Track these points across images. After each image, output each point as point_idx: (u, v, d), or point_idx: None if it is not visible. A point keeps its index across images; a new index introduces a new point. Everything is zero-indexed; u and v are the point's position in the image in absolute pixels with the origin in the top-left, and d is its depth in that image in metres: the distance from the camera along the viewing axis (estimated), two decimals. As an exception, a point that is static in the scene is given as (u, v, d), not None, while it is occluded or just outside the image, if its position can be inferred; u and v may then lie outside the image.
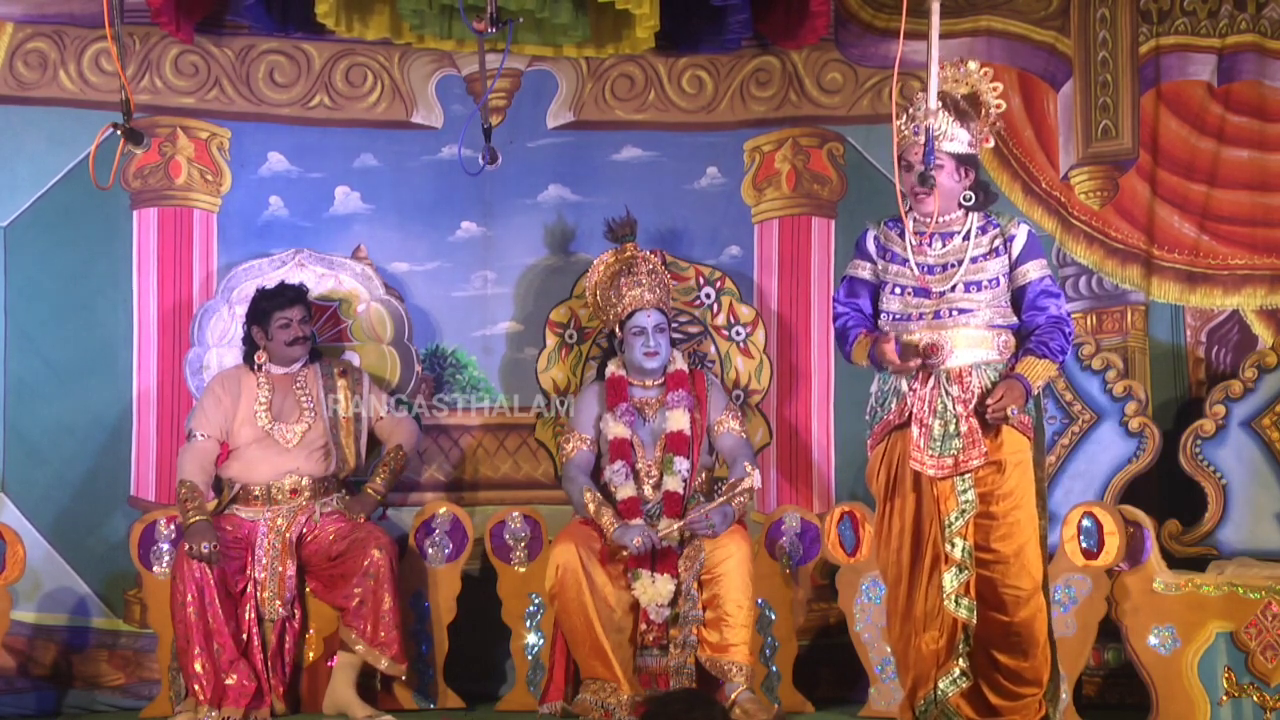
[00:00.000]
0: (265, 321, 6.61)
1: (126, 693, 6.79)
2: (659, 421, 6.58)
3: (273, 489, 6.52)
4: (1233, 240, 6.70)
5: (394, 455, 6.72)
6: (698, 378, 6.69)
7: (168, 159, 7.01)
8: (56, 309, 6.89)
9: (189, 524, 6.31)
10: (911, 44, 5.85)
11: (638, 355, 6.57)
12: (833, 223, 7.12)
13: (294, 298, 6.64)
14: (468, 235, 7.18)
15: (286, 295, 6.63)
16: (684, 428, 6.54)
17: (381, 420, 6.76)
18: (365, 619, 6.33)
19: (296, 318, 6.61)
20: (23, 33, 6.87)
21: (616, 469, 6.52)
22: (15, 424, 6.83)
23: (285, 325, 6.60)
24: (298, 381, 6.65)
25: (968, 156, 5.60)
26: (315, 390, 6.65)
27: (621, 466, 6.51)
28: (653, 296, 6.58)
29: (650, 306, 6.56)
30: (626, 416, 6.56)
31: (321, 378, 6.69)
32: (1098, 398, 6.53)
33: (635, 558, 6.32)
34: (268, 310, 6.61)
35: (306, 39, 7.04)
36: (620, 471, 6.50)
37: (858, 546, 6.39)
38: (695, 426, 6.57)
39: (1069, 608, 6.05)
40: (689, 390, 6.61)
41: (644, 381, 6.64)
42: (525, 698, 6.60)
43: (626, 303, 6.58)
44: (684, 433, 6.54)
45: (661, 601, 6.29)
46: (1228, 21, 6.64)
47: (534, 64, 7.14)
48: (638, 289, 6.57)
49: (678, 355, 6.70)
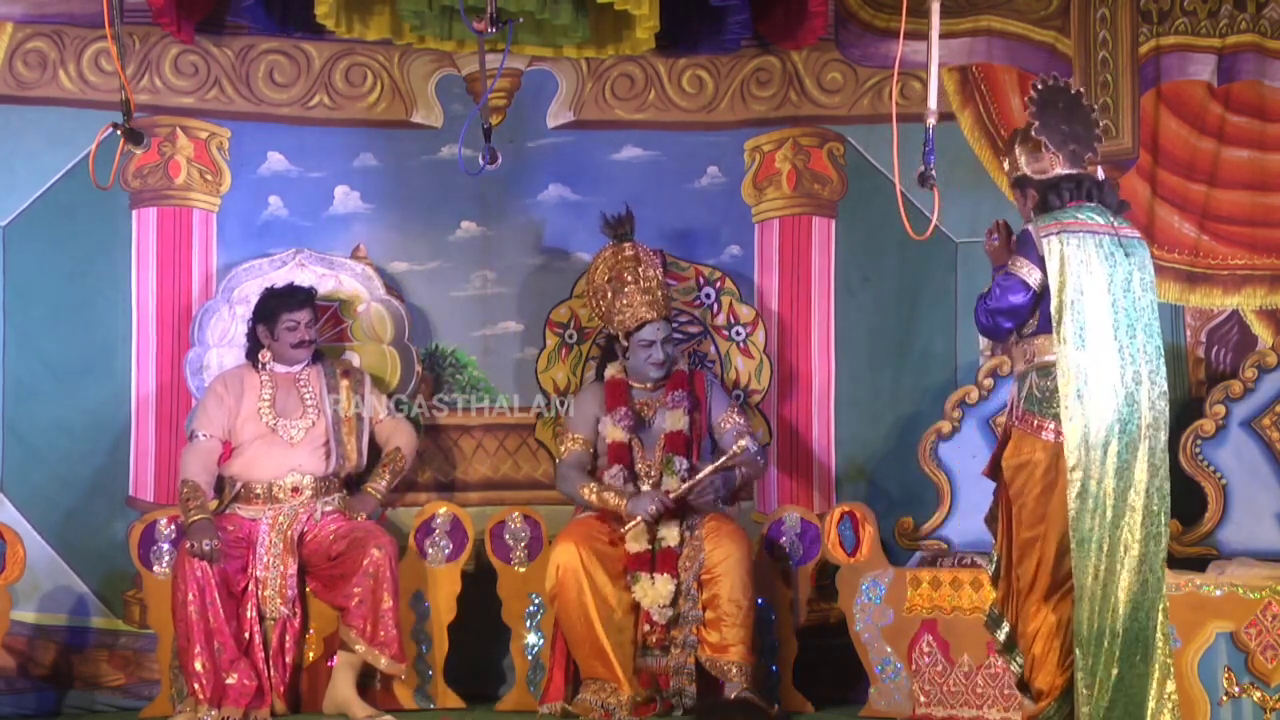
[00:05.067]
0: (272, 322, 6.59)
1: (126, 693, 6.78)
2: (659, 422, 6.58)
3: (274, 487, 6.51)
4: (1233, 240, 6.70)
5: (394, 457, 6.72)
6: (698, 378, 6.69)
7: (167, 159, 7.01)
8: (55, 309, 6.88)
9: (190, 522, 6.30)
10: (911, 44, 5.85)
11: (643, 365, 6.58)
12: (833, 222, 7.12)
13: (303, 300, 6.62)
14: (468, 235, 7.18)
15: (296, 298, 6.61)
16: (683, 428, 6.54)
17: (381, 422, 6.75)
18: (365, 618, 6.32)
19: (304, 320, 6.60)
20: (22, 32, 6.87)
21: (614, 473, 6.51)
22: (14, 424, 6.82)
23: (293, 328, 6.58)
24: (300, 380, 6.64)
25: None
26: (318, 389, 6.64)
27: (619, 471, 6.51)
28: (660, 308, 6.57)
29: (658, 319, 6.56)
30: (625, 421, 6.56)
31: (324, 377, 6.68)
32: (1098, 398, 6.52)
33: (634, 558, 6.32)
34: (275, 311, 6.59)
35: (306, 39, 7.03)
36: (618, 476, 6.50)
37: (858, 546, 6.39)
38: (695, 427, 6.57)
39: (1069, 608, 6.05)
40: (688, 390, 6.61)
41: (644, 384, 6.64)
42: (525, 698, 6.60)
43: (634, 315, 6.56)
44: (683, 432, 6.54)
45: (663, 602, 6.29)
46: (1228, 21, 6.64)
47: (534, 64, 7.14)
48: (644, 300, 6.55)
49: (678, 356, 6.71)
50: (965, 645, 6.19)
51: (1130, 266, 5.13)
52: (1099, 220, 5.15)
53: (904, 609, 6.31)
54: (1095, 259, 5.08)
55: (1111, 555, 5.05)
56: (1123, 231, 5.19)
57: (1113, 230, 5.16)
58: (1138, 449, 5.07)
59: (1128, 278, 5.11)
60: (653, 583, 6.29)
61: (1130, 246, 5.17)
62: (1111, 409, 5.03)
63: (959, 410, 6.69)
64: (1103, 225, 5.14)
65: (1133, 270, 5.13)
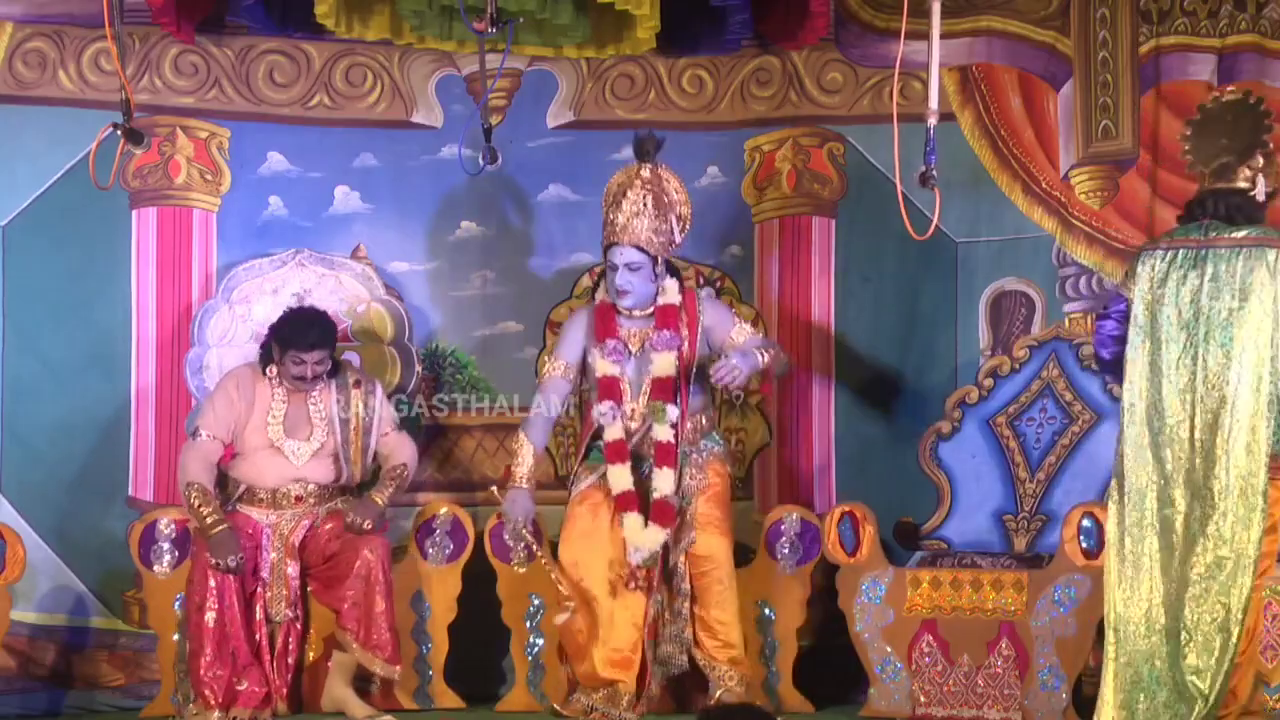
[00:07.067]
0: (282, 349, 6.39)
1: (126, 693, 6.78)
2: (644, 360, 6.35)
3: (278, 495, 6.46)
4: (1233, 240, 6.69)
5: (399, 473, 6.52)
6: (688, 299, 6.41)
7: (167, 159, 7.01)
8: (55, 308, 6.88)
9: (211, 534, 6.19)
10: (912, 44, 5.86)
11: (612, 290, 6.38)
12: (833, 222, 7.12)
13: (316, 342, 6.34)
14: (468, 235, 7.18)
15: (309, 339, 6.34)
16: (670, 373, 6.29)
17: (387, 437, 6.57)
18: (359, 621, 6.28)
19: (313, 360, 6.35)
20: (22, 32, 6.87)
21: (604, 410, 6.32)
22: (13, 424, 6.83)
23: (299, 364, 6.36)
24: (311, 396, 6.47)
25: None
26: (329, 404, 6.48)
27: (610, 408, 6.32)
28: (636, 230, 6.26)
29: (628, 243, 6.27)
30: (615, 355, 6.35)
31: (336, 390, 6.50)
32: (1098, 398, 6.52)
33: (622, 498, 6.21)
34: (286, 342, 6.37)
35: (306, 39, 7.04)
36: (608, 413, 6.33)
37: (858, 546, 6.39)
38: (683, 363, 6.32)
39: (1069, 608, 6.05)
40: (677, 329, 6.34)
41: (630, 312, 6.42)
42: (525, 698, 6.60)
43: (609, 233, 6.32)
44: (670, 378, 6.30)
45: (644, 546, 6.18)
46: (1228, 21, 6.63)
47: (534, 64, 7.14)
48: (624, 222, 6.28)
49: (670, 286, 6.37)
50: (965, 645, 6.20)
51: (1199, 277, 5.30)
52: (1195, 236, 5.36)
53: (904, 609, 6.31)
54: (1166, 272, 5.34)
55: None
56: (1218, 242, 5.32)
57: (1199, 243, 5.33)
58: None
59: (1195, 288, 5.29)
60: (644, 526, 6.19)
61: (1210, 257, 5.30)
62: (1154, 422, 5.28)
63: (959, 410, 6.68)
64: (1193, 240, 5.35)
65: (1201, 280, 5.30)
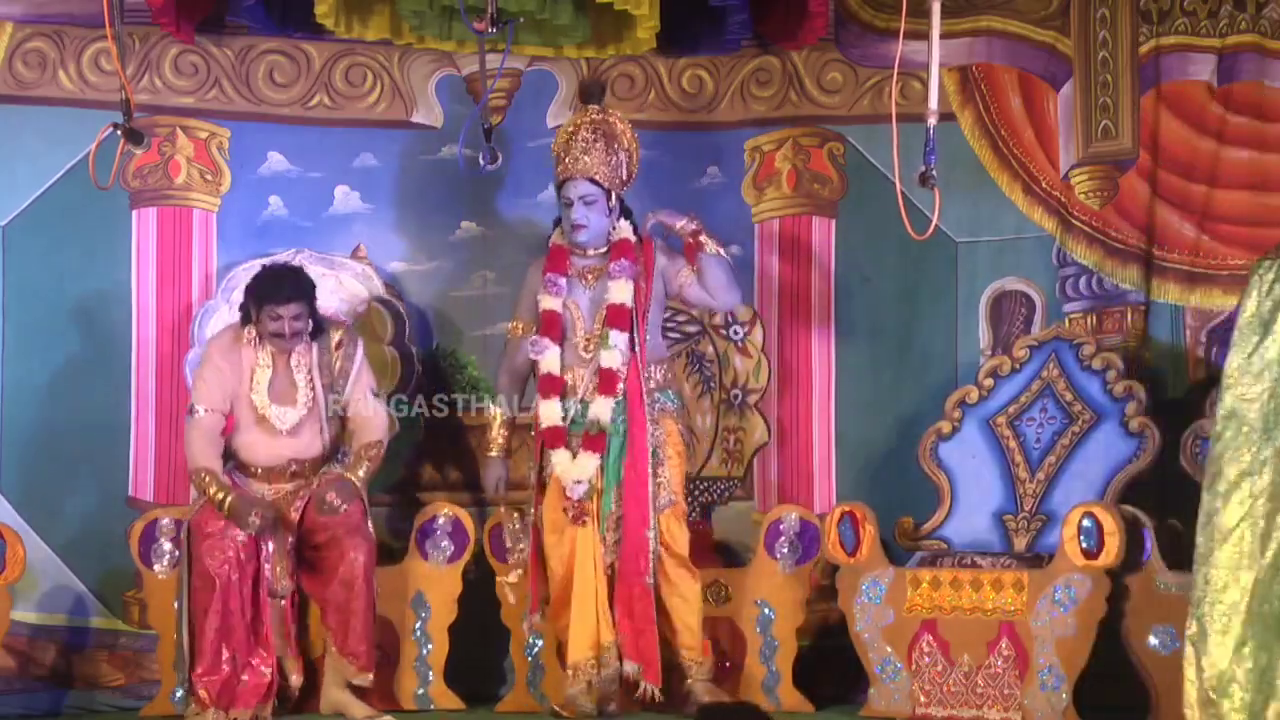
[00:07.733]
0: (259, 306, 6.35)
1: (126, 693, 6.78)
2: (599, 291, 6.33)
3: (272, 471, 6.42)
4: (1233, 240, 6.68)
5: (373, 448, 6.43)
6: (646, 246, 6.41)
7: (167, 159, 7.01)
8: (55, 309, 6.89)
9: (225, 505, 6.15)
10: (911, 44, 5.86)
11: (567, 226, 6.37)
12: (833, 222, 7.12)
13: (290, 296, 6.32)
14: (468, 235, 7.18)
15: (282, 292, 6.32)
16: (625, 300, 6.26)
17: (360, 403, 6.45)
18: (339, 626, 6.28)
19: (289, 315, 6.31)
20: (22, 32, 6.87)
21: (541, 346, 6.27)
22: (13, 424, 6.83)
23: (276, 319, 6.33)
24: (293, 360, 6.42)
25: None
26: (310, 369, 6.43)
27: (547, 345, 6.28)
28: (588, 163, 6.27)
29: (581, 176, 6.27)
30: (556, 287, 6.33)
31: (318, 352, 6.44)
32: (1098, 398, 6.53)
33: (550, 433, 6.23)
34: (261, 298, 6.33)
35: (306, 39, 7.04)
36: (540, 346, 6.28)
37: (858, 546, 6.39)
38: (640, 297, 6.31)
39: (1069, 608, 6.05)
40: (634, 260, 6.32)
41: (584, 250, 6.41)
42: (525, 698, 6.60)
43: (563, 169, 6.32)
44: (625, 305, 6.26)
45: (580, 477, 6.19)
46: (1228, 22, 6.63)
47: (534, 64, 7.14)
48: (574, 156, 6.29)
49: (625, 225, 6.41)
50: (965, 645, 6.20)
51: None
52: None
53: (904, 609, 6.32)
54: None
55: None
56: None
57: None
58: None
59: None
60: (574, 458, 6.20)
61: None
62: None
63: (959, 410, 6.69)
64: None
65: None
